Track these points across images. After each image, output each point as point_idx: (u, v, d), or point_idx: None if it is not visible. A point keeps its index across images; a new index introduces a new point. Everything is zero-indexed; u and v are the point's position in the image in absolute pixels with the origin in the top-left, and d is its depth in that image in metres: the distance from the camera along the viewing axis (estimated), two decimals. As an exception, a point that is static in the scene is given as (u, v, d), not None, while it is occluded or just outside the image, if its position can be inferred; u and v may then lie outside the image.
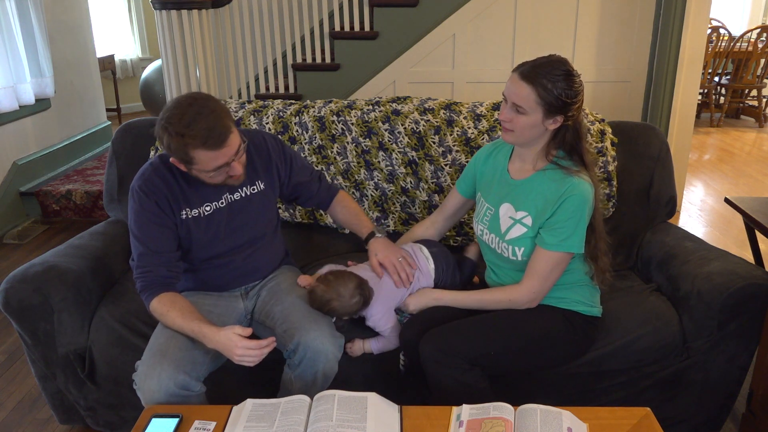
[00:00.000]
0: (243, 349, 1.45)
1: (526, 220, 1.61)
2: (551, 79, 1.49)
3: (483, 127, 2.21)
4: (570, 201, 1.54)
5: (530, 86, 1.50)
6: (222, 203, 1.69)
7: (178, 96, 1.53)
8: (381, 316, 1.70)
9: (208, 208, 1.67)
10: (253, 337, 1.51)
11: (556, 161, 1.60)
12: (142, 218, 1.61)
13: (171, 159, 1.56)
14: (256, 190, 1.74)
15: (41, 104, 4.22)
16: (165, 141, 1.49)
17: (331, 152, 2.25)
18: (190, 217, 1.65)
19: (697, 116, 6.27)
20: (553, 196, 1.56)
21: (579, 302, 1.67)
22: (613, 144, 2.19)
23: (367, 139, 2.23)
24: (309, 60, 4.17)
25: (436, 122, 2.22)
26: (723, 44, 6.30)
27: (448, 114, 2.24)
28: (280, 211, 2.26)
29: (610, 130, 2.21)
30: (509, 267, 1.69)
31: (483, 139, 2.19)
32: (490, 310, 1.68)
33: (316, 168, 1.95)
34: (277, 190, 1.82)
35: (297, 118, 2.27)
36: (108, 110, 5.47)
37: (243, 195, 1.72)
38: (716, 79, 6.56)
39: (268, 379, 1.76)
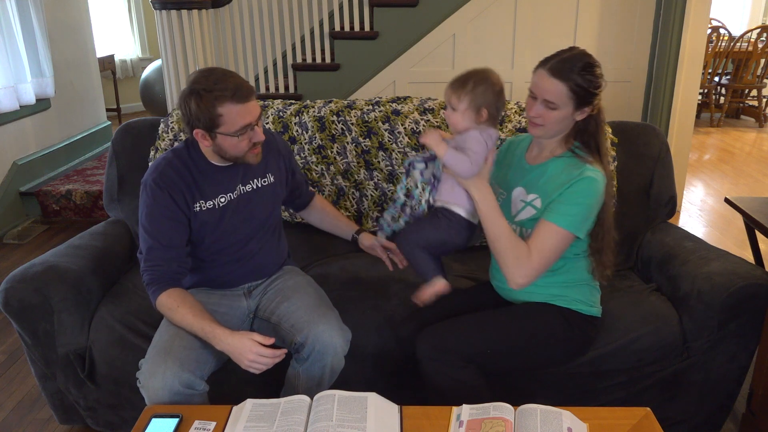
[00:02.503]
0: (256, 355, 1.47)
1: (536, 202, 1.62)
2: (580, 73, 1.51)
3: (483, 127, 2.21)
4: (580, 183, 1.53)
5: (561, 82, 1.51)
6: (235, 194, 1.70)
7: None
8: (476, 136, 1.56)
9: (222, 200, 1.68)
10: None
11: (573, 149, 1.61)
12: (155, 212, 1.61)
13: (195, 131, 1.56)
14: (267, 183, 1.76)
15: (41, 104, 4.22)
16: (192, 105, 1.50)
17: (331, 152, 2.25)
18: (204, 209, 1.65)
19: (697, 116, 6.27)
20: (564, 179, 1.56)
21: (579, 301, 1.67)
22: (613, 144, 2.19)
23: (367, 139, 2.23)
24: (309, 60, 4.17)
25: (436, 122, 2.22)
26: (723, 44, 6.30)
27: (448, 114, 2.24)
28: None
29: (610, 130, 2.21)
30: None
31: (483, 139, 2.19)
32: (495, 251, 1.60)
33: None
34: (284, 185, 1.84)
35: (297, 118, 2.27)
36: (108, 110, 5.47)
37: (255, 186, 1.74)
38: (716, 79, 6.56)
39: (268, 379, 1.76)
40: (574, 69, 1.51)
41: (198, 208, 1.65)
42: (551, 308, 1.65)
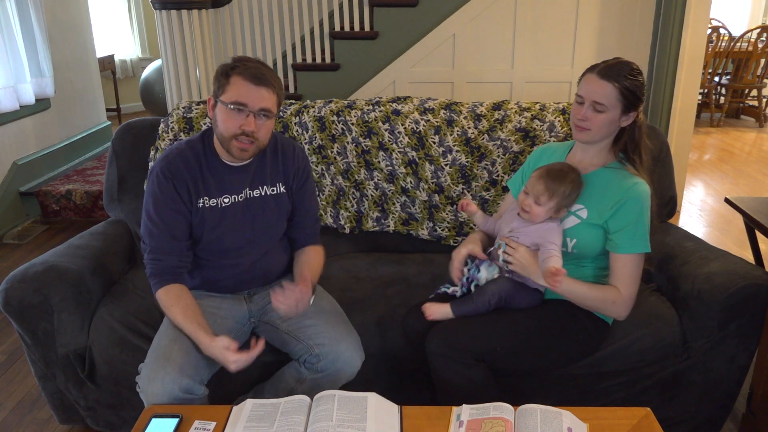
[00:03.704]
0: (235, 363, 1.48)
1: (581, 212, 1.63)
2: (626, 76, 1.57)
3: (483, 127, 2.21)
4: (635, 201, 1.58)
5: (612, 84, 1.56)
6: (241, 197, 1.69)
7: None
8: (556, 228, 1.61)
9: (226, 200, 1.67)
10: (253, 336, 1.54)
11: (621, 160, 1.66)
12: (159, 201, 1.62)
13: (209, 98, 1.61)
14: (275, 192, 1.73)
15: (41, 104, 4.22)
16: (216, 73, 1.58)
17: (331, 152, 2.25)
18: (206, 206, 1.65)
19: (697, 116, 6.27)
20: (616, 194, 1.60)
21: None
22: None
23: (367, 139, 2.23)
24: (309, 60, 4.17)
25: (436, 122, 2.22)
26: (723, 44, 6.30)
27: (448, 114, 2.24)
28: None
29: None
30: None
31: (483, 138, 2.19)
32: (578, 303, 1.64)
33: (318, 208, 1.92)
34: (290, 199, 1.78)
35: (297, 118, 2.27)
36: (108, 110, 5.47)
37: (263, 193, 1.71)
38: (716, 79, 6.56)
39: (266, 379, 1.76)
40: (622, 72, 1.57)
41: (201, 204, 1.65)
42: (564, 309, 1.64)
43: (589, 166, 1.68)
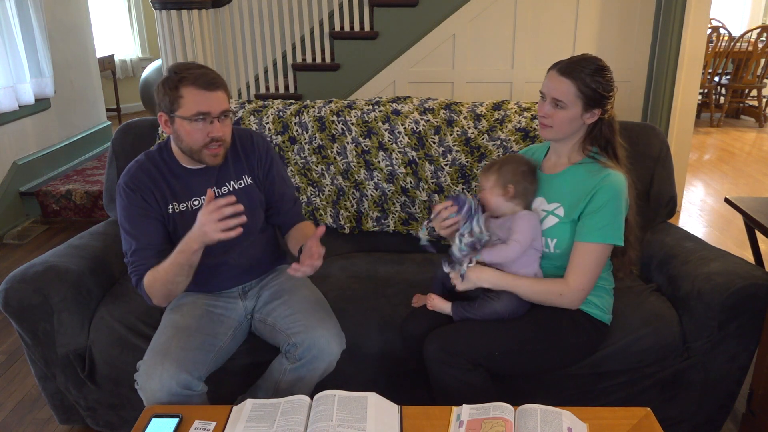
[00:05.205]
0: (211, 215, 1.42)
1: (558, 210, 1.63)
2: (589, 73, 1.55)
3: (483, 127, 2.21)
4: (605, 190, 1.56)
5: (570, 80, 1.55)
6: None
7: None
8: (524, 215, 1.63)
9: (196, 203, 1.67)
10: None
11: (592, 155, 1.64)
12: (132, 213, 1.62)
13: (159, 114, 1.57)
14: (243, 185, 1.74)
15: (41, 104, 4.23)
16: (160, 88, 1.54)
17: (331, 152, 2.25)
18: (177, 211, 1.65)
19: (697, 116, 6.27)
20: (588, 187, 1.58)
21: (593, 304, 1.66)
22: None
23: (367, 139, 2.23)
24: (309, 60, 4.17)
25: (436, 122, 2.22)
26: (723, 44, 6.30)
27: (448, 114, 2.24)
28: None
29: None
30: (543, 262, 1.68)
31: (483, 138, 2.19)
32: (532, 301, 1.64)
33: (298, 190, 1.90)
34: (261, 189, 1.78)
35: (297, 118, 2.27)
36: (108, 110, 5.47)
37: (230, 189, 1.71)
38: (716, 79, 6.56)
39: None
40: (584, 70, 1.55)
41: (171, 210, 1.65)
42: (563, 312, 1.64)
43: (560, 166, 1.68)
